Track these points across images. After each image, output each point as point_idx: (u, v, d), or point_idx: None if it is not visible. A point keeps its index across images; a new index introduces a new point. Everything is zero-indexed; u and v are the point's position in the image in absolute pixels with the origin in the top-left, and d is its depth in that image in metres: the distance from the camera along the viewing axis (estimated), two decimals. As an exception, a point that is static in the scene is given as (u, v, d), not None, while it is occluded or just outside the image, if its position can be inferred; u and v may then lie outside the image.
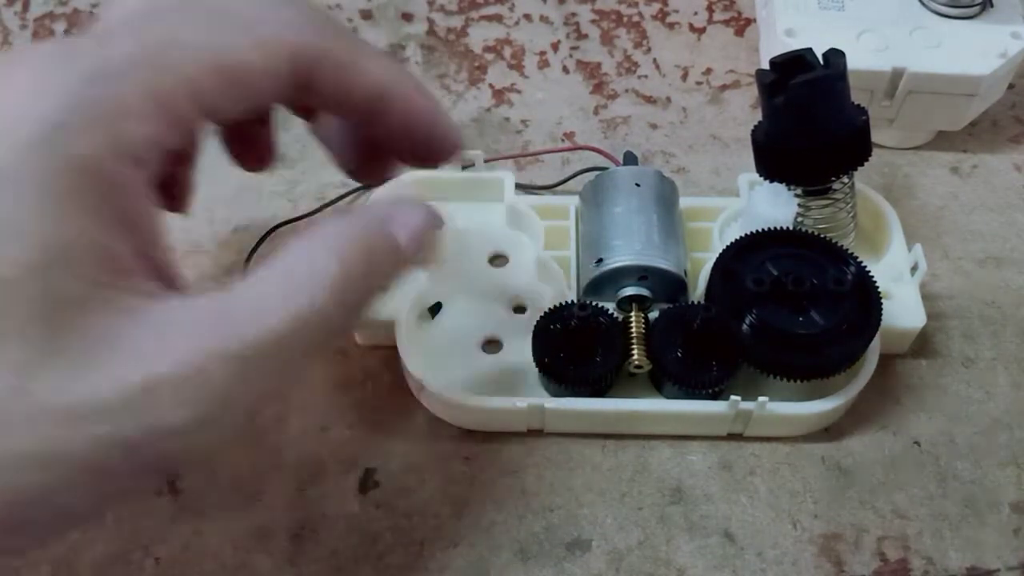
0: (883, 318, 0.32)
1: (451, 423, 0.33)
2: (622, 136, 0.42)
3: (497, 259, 0.37)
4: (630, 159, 0.38)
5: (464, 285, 0.35)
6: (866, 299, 0.31)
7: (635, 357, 0.31)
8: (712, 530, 0.31)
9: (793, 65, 0.31)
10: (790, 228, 0.34)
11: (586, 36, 0.46)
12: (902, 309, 0.33)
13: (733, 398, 0.31)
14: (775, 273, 0.31)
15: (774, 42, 0.39)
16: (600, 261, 0.33)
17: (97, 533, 0.30)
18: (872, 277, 0.31)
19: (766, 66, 0.32)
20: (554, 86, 0.44)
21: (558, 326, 0.31)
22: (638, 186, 0.34)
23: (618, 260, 0.32)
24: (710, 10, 0.48)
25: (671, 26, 0.47)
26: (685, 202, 0.36)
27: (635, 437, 0.32)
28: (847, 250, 0.32)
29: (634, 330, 0.32)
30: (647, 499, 0.31)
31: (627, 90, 0.44)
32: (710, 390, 0.31)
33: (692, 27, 0.47)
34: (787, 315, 0.30)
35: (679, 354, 0.31)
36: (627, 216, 0.33)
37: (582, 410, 0.31)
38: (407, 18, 0.47)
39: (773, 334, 0.30)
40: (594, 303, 0.31)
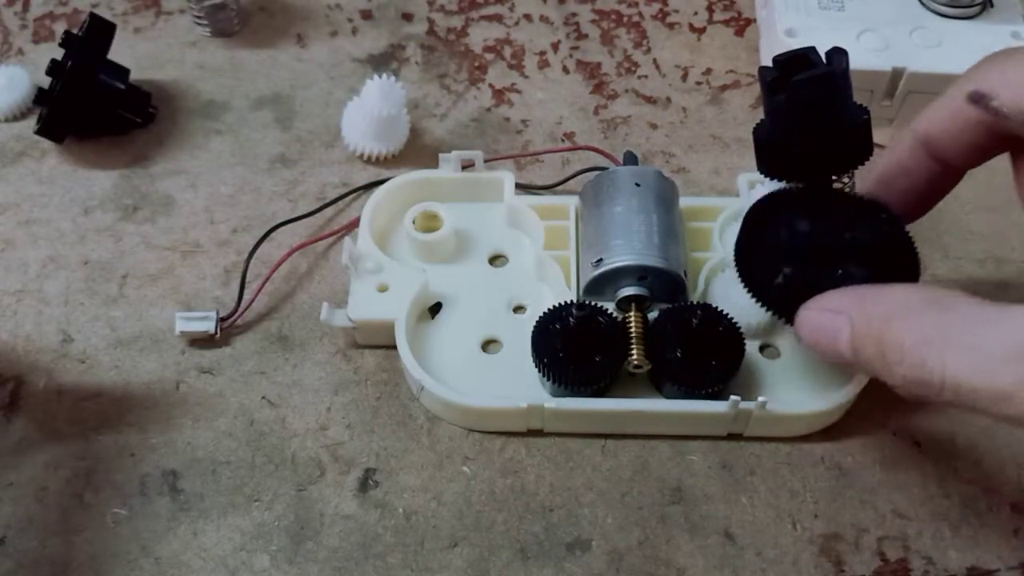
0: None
1: (451, 423, 0.33)
2: (622, 136, 0.42)
3: (497, 259, 0.37)
4: (630, 159, 0.38)
5: (464, 285, 0.35)
6: (903, 249, 0.30)
7: (634, 357, 0.31)
8: (712, 530, 0.31)
9: (795, 63, 0.31)
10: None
11: (586, 36, 0.46)
12: (902, 309, 0.33)
13: (733, 398, 0.31)
14: (807, 228, 0.30)
15: (774, 42, 0.39)
16: (600, 261, 0.33)
17: (97, 533, 0.30)
18: (905, 228, 0.30)
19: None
20: (554, 86, 0.44)
21: (558, 326, 0.31)
22: (638, 186, 0.34)
23: (618, 260, 0.32)
24: (710, 10, 0.48)
25: (671, 26, 0.47)
26: (685, 202, 0.36)
27: (635, 437, 0.32)
28: (878, 201, 0.31)
29: (633, 330, 0.32)
30: (647, 499, 0.31)
31: (627, 90, 0.44)
32: (710, 390, 0.31)
33: (692, 27, 0.47)
34: (824, 271, 0.29)
35: (679, 354, 0.31)
36: (627, 216, 0.33)
37: (582, 410, 0.31)
38: (407, 18, 0.47)
39: (811, 289, 0.28)
40: (593, 303, 0.31)
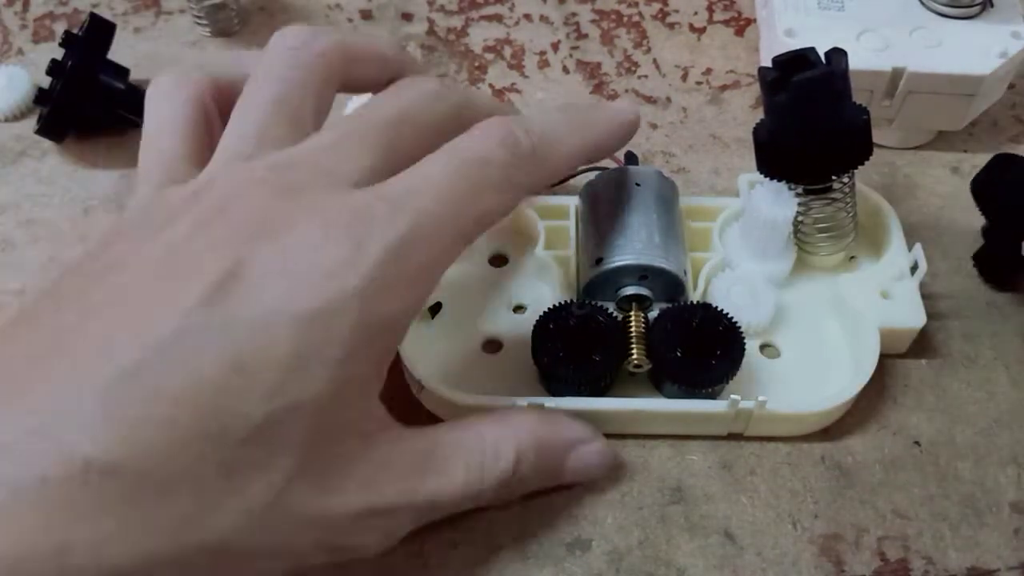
0: (883, 318, 0.32)
1: (451, 423, 0.33)
2: (622, 136, 0.42)
3: (497, 259, 0.37)
4: (630, 159, 0.38)
5: (464, 285, 0.35)
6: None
7: (635, 356, 0.31)
8: (712, 530, 0.31)
9: (795, 63, 0.31)
10: (790, 229, 0.34)
11: (586, 36, 0.46)
12: (902, 309, 0.33)
13: (733, 398, 0.31)
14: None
15: (774, 42, 0.39)
16: (600, 261, 0.33)
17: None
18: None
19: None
20: (554, 86, 0.44)
21: (558, 326, 0.31)
22: (638, 186, 0.34)
23: (618, 260, 0.32)
24: (710, 10, 0.48)
25: (671, 26, 0.47)
26: (685, 202, 0.36)
27: (635, 437, 0.32)
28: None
29: (634, 329, 0.31)
30: (647, 499, 0.31)
31: (627, 90, 0.44)
32: (710, 389, 0.31)
33: (692, 27, 0.47)
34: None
35: (679, 353, 0.31)
36: (627, 216, 0.33)
37: (582, 410, 0.31)
38: (407, 18, 0.47)
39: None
40: (593, 302, 0.31)
